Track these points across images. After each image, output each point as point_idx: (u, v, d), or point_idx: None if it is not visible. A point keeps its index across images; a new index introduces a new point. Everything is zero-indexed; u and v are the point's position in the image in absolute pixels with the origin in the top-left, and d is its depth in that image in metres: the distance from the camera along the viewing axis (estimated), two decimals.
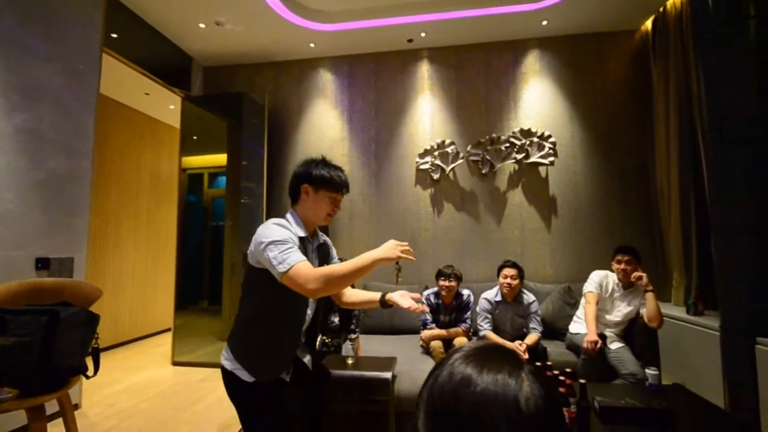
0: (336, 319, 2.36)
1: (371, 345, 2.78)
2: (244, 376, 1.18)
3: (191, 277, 4.40)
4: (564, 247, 3.36)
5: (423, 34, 3.40)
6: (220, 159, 4.02)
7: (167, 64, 3.64)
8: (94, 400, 2.77)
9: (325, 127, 3.72)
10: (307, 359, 1.38)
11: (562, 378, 1.55)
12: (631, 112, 3.39)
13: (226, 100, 3.95)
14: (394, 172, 3.59)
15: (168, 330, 4.38)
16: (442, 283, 2.58)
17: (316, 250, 1.36)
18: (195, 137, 4.17)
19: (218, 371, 1.32)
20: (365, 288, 3.26)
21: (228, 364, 1.22)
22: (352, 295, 1.49)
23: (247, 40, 3.50)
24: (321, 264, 1.36)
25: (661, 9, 3.13)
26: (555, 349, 2.65)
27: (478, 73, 3.55)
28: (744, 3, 2.13)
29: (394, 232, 3.49)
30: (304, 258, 1.11)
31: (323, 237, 1.44)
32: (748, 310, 2.12)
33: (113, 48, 2.98)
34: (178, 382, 3.14)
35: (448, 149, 3.46)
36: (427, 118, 3.58)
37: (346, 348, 2.10)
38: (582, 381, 1.52)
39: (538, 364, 1.75)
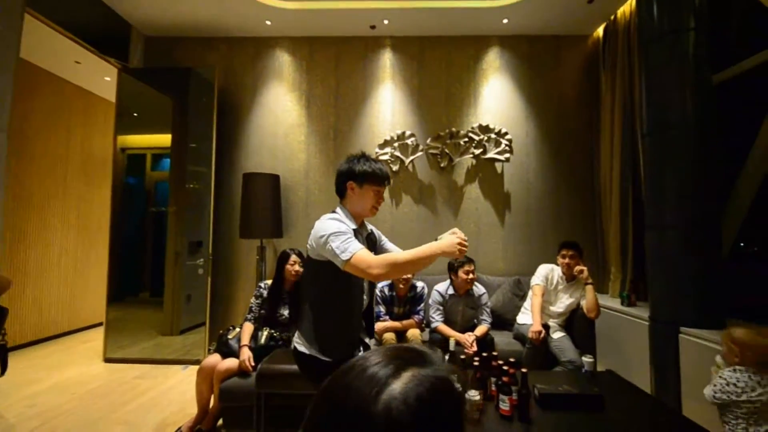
0: (286, 312, 2.27)
1: None
2: (322, 357, 1.33)
3: (131, 266, 4.06)
4: (515, 241, 3.48)
5: (386, 22, 3.32)
6: (165, 139, 3.71)
7: (102, 30, 3.27)
8: (10, 401, 2.48)
9: (281, 111, 3.54)
10: (369, 341, 1.53)
11: (505, 367, 1.59)
12: (580, 113, 3.55)
13: (171, 74, 3.63)
14: None
15: (101, 324, 4.02)
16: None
17: (366, 240, 1.47)
18: (135, 114, 3.81)
19: (156, 367, 1.28)
20: None
21: (305, 349, 1.37)
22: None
23: (196, 10, 3.22)
24: (371, 251, 1.44)
25: (612, 17, 3.29)
26: (503, 339, 2.74)
27: (439, 66, 3.54)
28: (685, 15, 2.27)
29: None
30: (363, 246, 1.24)
31: (370, 227, 1.56)
32: (673, 302, 2.31)
33: (38, 8, 2.62)
34: (110, 380, 2.90)
35: (408, 141, 3.43)
36: (388, 108, 3.53)
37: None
38: (524, 370, 1.57)
39: (484, 354, 1.79)
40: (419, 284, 2.72)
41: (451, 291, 2.65)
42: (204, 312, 3.33)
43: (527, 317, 2.69)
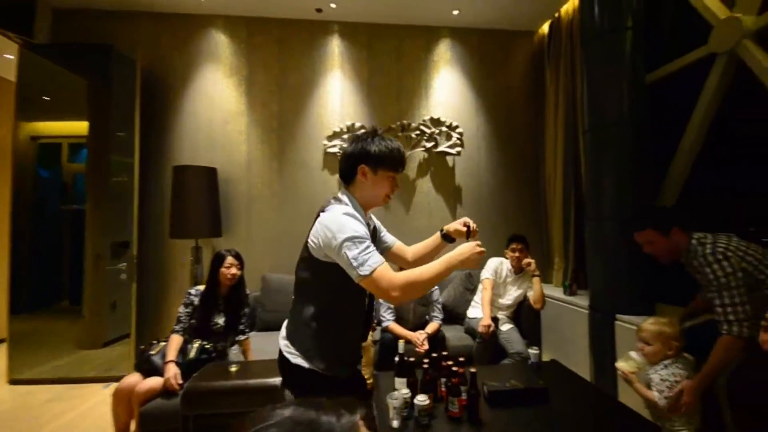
0: (221, 321, 2.05)
1: (270, 345, 2.53)
2: (328, 373, 1.13)
3: (45, 271, 3.55)
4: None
5: (333, 6, 3.13)
6: (85, 127, 3.25)
7: None
8: None
9: (218, 98, 3.23)
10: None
11: (455, 368, 1.53)
12: (528, 108, 3.62)
13: (87, 53, 3.17)
14: (299, 154, 3.30)
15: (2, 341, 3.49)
16: None
17: (371, 234, 1.24)
18: (46, 98, 3.31)
19: (73, 387, 1.03)
20: None
21: (303, 362, 1.13)
22: (418, 249, 1.44)
23: None
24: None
25: (556, 15, 3.36)
26: (455, 334, 2.73)
27: (390, 56, 3.43)
28: (624, 15, 2.34)
29: (299, 218, 3.23)
30: (383, 259, 1.06)
31: (373, 218, 1.34)
32: (610, 291, 2.41)
33: None
34: (16, 405, 2.50)
35: (358, 133, 3.29)
36: (337, 99, 3.35)
37: (233, 353, 1.82)
38: (472, 370, 1.52)
39: (434, 354, 1.73)
40: None
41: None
42: (129, 321, 2.98)
43: (477, 311, 2.70)
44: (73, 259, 3.55)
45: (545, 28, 3.56)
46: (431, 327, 2.50)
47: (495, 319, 2.65)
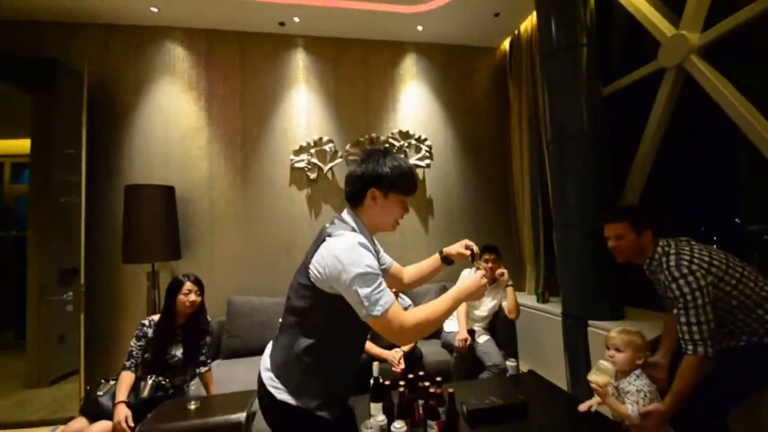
0: (178, 353, 1.87)
1: (235, 373, 2.36)
2: (319, 413, 1.02)
3: None
4: (440, 247, 3.42)
5: (296, 19, 3.09)
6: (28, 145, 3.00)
7: None
8: None
9: (175, 113, 3.07)
10: None
11: (432, 390, 1.46)
12: (494, 121, 3.70)
13: (30, 66, 2.95)
14: (265, 170, 3.18)
15: None
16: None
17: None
18: None
19: None
20: None
21: (290, 399, 1.02)
22: (414, 271, 1.40)
23: None
24: None
25: (516, 32, 3.49)
26: (431, 349, 2.66)
27: (356, 70, 3.41)
28: (578, 32, 2.44)
29: (266, 238, 3.09)
30: (394, 297, 0.99)
31: (374, 240, 1.24)
32: (580, 296, 2.44)
33: None
34: None
35: (326, 147, 3.23)
36: (303, 113, 3.28)
37: (193, 389, 1.66)
38: (450, 390, 1.46)
39: (410, 375, 1.65)
40: None
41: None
42: (78, 356, 2.70)
43: (453, 324, 2.65)
44: (17, 288, 3.23)
45: (506, 44, 3.68)
46: (407, 345, 2.42)
47: (471, 332, 2.61)
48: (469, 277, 1.12)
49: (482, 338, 2.58)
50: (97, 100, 2.91)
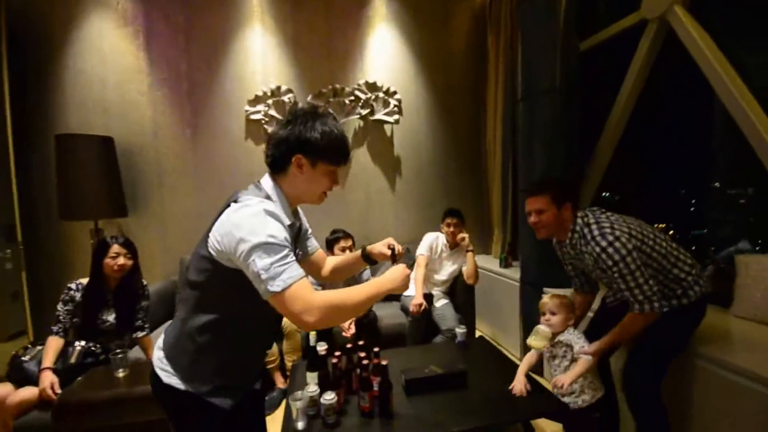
0: (110, 318, 1.78)
1: None
2: (210, 399, 0.93)
3: None
4: (407, 208, 3.36)
5: None
6: None
7: None
8: None
9: (110, 52, 2.71)
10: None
11: (365, 362, 1.42)
12: (469, 73, 3.45)
13: None
14: (217, 120, 2.92)
15: None
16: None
17: (295, 235, 1.07)
18: None
19: None
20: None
21: (178, 383, 0.92)
22: (335, 264, 1.27)
23: None
24: (296, 251, 1.06)
25: None
26: (388, 312, 2.65)
27: (317, 10, 3.04)
28: None
29: (221, 195, 2.88)
30: (303, 273, 0.86)
31: (301, 215, 1.15)
32: (539, 263, 2.41)
33: None
34: None
35: (285, 98, 2.96)
36: (258, 57, 2.96)
37: (117, 360, 1.57)
38: (384, 362, 1.42)
39: (348, 345, 1.61)
40: None
41: None
42: (24, 315, 2.60)
43: (412, 288, 2.62)
44: None
45: None
46: None
47: (429, 296, 2.59)
48: (396, 269, 1.03)
49: (440, 302, 2.57)
50: (19, 34, 2.54)
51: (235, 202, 0.90)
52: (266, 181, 0.99)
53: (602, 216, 1.46)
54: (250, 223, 0.83)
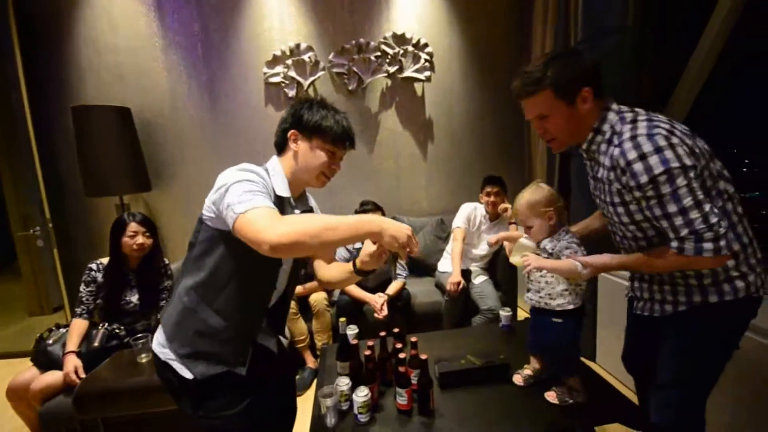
0: (134, 298, 1.70)
1: None
2: (183, 370, 0.91)
3: None
4: (439, 176, 3.09)
5: None
6: None
7: None
8: None
9: (121, 17, 2.53)
10: (271, 343, 1.05)
11: (402, 355, 1.24)
12: (510, 18, 2.99)
13: None
14: (235, 85, 2.71)
15: None
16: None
17: None
18: None
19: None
20: None
21: (171, 357, 0.93)
22: (332, 269, 1.16)
23: None
24: None
25: None
26: (424, 289, 2.47)
27: None
28: None
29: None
30: (272, 206, 0.82)
31: (312, 202, 1.15)
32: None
33: None
34: None
35: (305, 57, 2.69)
36: (274, 13, 2.67)
37: (139, 345, 1.50)
38: (423, 356, 1.24)
39: (382, 334, 1.44)
40: None
41: (359, 244, 2.24)
42: (59, 291, 2.65)
43: (448, 264, 2.41)
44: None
45: None
46: (393, 287, 2.21)
47: (467, 272, 2.37)
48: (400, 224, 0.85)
49: (479, 279, 2.35)
50: (27, 4, 2.41)
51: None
52: (271, 161, 1.02)
53: (661, 117, 0.94)
54: (231, 172, 0.87)
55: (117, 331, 1.64)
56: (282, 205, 0.97)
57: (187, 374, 0.90)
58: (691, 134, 0.94)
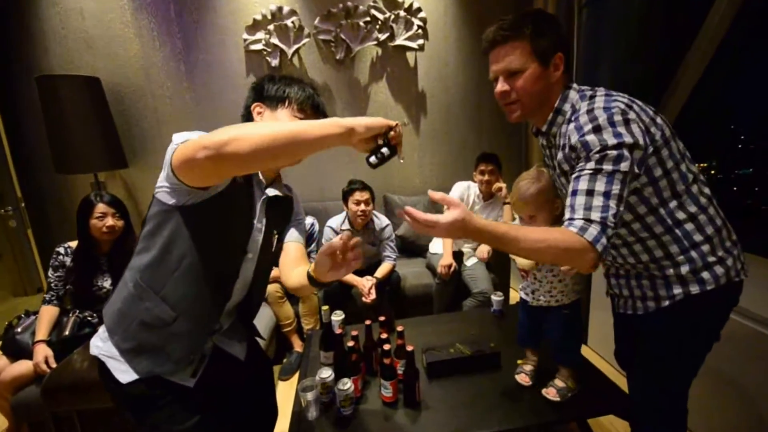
0: (107, 284, 1.61)
1: None
2: (122, 371, 0.79)
3: None
4: (432, 152, 2.96)
5: None
6: None
7: None
8: None
9: None
10: (235, 350, 0.96)
11: (386, 346, 1.17)
12: None
13: None
14: (213, 54, 2.52)
15: None
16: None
17: (266, 203, 0.91)
18: None
19: None
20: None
21: (98, 348, 0.82)
22: (295, 275, 0.96)
23: None
24: (272, 228, 0.94)
25: None
26: (414, 270, 2.40)
27: None
28: None
29: None
30: None
31: (287, 190, 1.03)
32: None
33: None
34: None
35: (288, 21, 2.48)
36: None
37: None
38: (409, 348, 1.17)
39: (368, 322, 1.37)
40: (309, 220, 2.20)
41: (346, 225, 2.14)
42: (37, 273, 2.55)
43: (439, 245, 2.34)
44: None
45: None
46: (382, 270, 2.14)
47: (459, 254, 2.30)
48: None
49: (471, 261, 2.29)
50: None
51: None
52: None
53: (621, 94, 0.87)
54: (181, 134, 0.73)
55: (89, 318, 1.56)
56: (250, 187, 0.88)
57: (125, 377, 0.78)
58: (653, 112, 0.88)
